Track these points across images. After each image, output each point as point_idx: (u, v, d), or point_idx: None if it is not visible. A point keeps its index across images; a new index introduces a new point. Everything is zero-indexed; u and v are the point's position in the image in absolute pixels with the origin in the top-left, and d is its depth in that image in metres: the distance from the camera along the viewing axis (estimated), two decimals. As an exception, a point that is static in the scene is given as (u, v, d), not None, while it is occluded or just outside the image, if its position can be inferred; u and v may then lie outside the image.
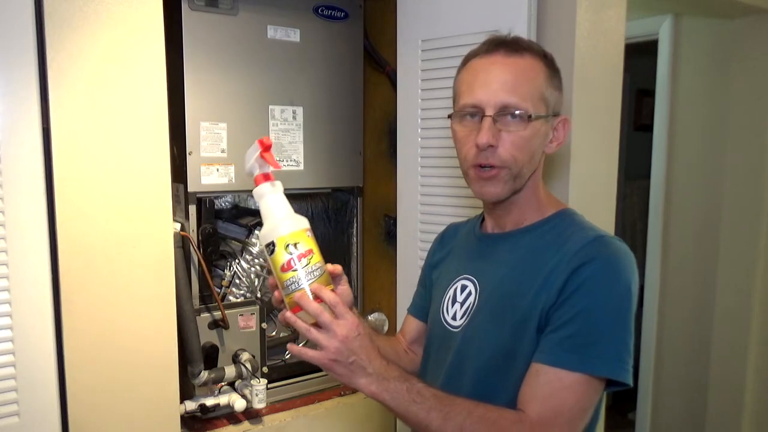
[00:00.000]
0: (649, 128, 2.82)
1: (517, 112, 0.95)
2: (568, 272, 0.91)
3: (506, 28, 1.43)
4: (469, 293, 1.05)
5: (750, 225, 2.40)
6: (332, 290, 0.92)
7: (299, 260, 0.91)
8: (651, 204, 2.76)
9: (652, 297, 2.76)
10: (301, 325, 0.89)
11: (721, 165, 2.48)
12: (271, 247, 0.91)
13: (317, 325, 0.88)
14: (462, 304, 1.05)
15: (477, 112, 0.97)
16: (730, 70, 2.43)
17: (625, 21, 1.54)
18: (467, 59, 1.03)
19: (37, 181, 1.17)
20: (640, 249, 3.87)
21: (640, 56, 2.73)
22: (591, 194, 1.52)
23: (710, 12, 2.42)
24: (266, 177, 0.95)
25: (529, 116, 0.95)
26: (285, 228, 0.92)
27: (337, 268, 0.98)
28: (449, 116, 1.04)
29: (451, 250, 1.17)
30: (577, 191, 1.46)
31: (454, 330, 1.05)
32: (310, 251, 0.92)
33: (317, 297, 0.89)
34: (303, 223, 0.94)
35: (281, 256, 0.91)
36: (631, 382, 0.90)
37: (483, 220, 1.12)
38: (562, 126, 1.03)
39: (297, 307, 0.90)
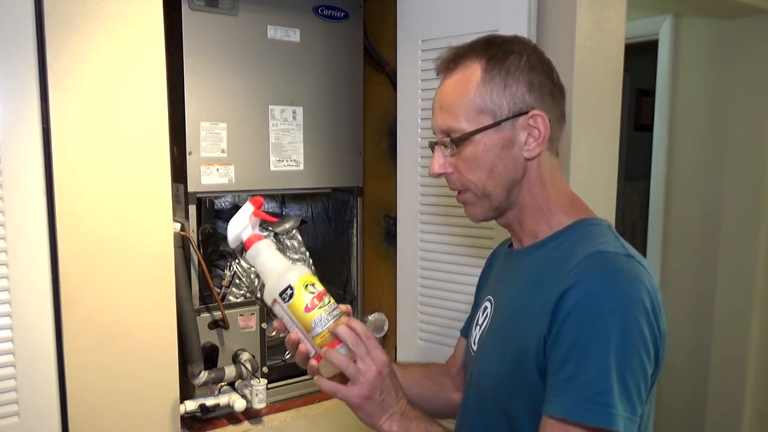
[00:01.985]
0: (649, 128, 2.82)
1: (453, 133, 0.89)
2: (559, 293, 0.79)
3: (506, 28, 1.44)
4: (487, 314, 0.97)
5: (750, 225, 2.40)
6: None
7: (320, 299, 0.93)
8: (651, 204, 2.76)
9: (652, 297, 2.76)
10: (341, 359, 0.88)
11: (721, 165, 2.48)
12: (289, 291, 0.93)
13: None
14: (481, 326, 0.98)
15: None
16: (730, 70, 2.43)
17: (625, 21, 1.54)
18: None
19: (37, 181, 1.17)
20: (640, 249, 3.87)
21: (640, 56, 2.72)
22: (591, 194, 1.51)
23: (710, 12, 2.42)
24: (258, 237, 0.97)
25: (468, 134, 0.88)
26: (299, 271, 0.95)
27: (348, 308, 0.98)
28: None
29: (491, 270, 1.09)
30: (577, 191, 1.45)
31: (473, 353, 0.99)
32: (325, 291, 0.95)
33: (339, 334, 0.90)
34: (307, 269, 0.97)
35: (303, 297, 0.92)
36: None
37: None
38: (538, 122, 0.89)
39: (332, 343, 0.90)
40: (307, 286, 0.93)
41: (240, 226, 0.97)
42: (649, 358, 0.77)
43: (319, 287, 0.94)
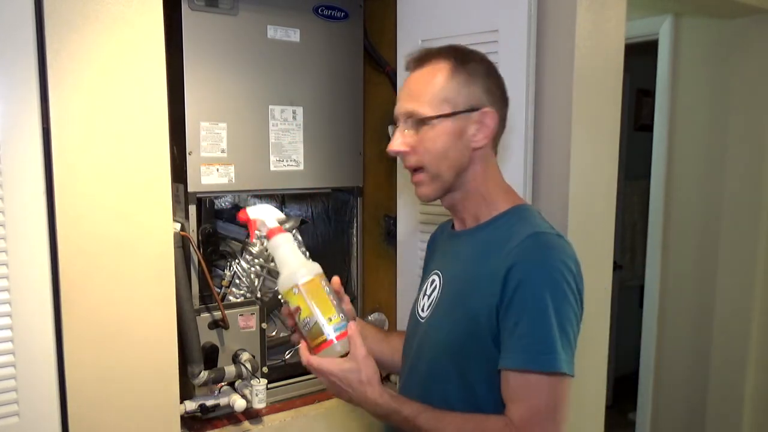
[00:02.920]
0: (649, 128, 2.82)
1: (417, 117, 1.03)
2: (505, 269, 0.96)
3: (506, 28, 1.44)
4: (435, 287, 1.13)
5: (750, 224, 2.40)
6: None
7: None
8: (651, 204, 2.76)
9: (652, 297, 2.76)
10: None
11: (721, 165, 2.48)
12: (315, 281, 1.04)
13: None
14: (429, 297, 1.13)
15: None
16: (730, 70, 2.43)
17: (625, 21, 1.54)
18: None
19: (37, 181, 1.17)
20: (640, 249, 3.87)
21: (640, 56, 2.73)
22: (591, 194, 1.52)
23: (710, 12, 2.42)
24: (281, 229, 1.08)
25: (429, 118, 1.02)
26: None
27: (336, 280, 1.10)
28: None
29: (435, 249, 1.25)
30: (577, 191, 1.46)
31: (422, 321, 1.13)
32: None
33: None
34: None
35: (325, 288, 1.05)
36: (573, 373, 0.95)
37: None
38: (488, 118, 1.04)
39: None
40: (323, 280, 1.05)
41: (271, 214, 1.09)
42: (576, 313, 0.97)
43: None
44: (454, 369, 1.03)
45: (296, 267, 1.03)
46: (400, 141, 1.06)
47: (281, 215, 1.11)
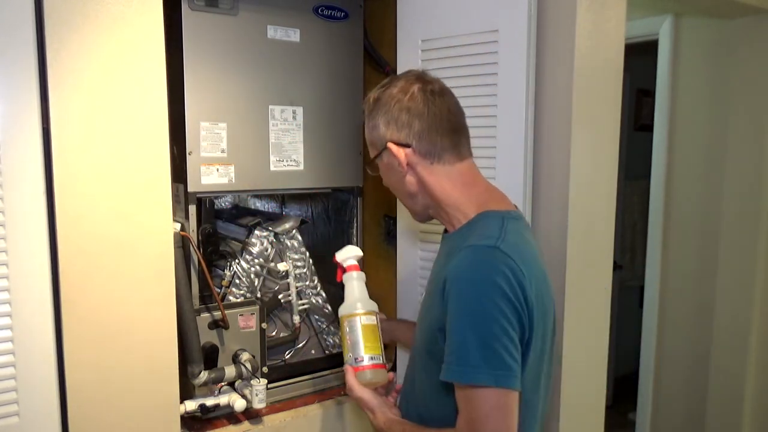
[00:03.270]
0: (649, 128, 2.83)
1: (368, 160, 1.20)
2: (442, 284, 1.02)
3: (506, 28, 1.44)
4: (423, 291, 1.23)
5: (750, 225, 2.40)
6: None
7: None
8: (651, 204, 2.76)
9: (652, 297, 2.76)
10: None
11: (721, 165, 2.48)
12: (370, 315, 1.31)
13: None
14: (422, 296, 1.23)
15: None
16: (730, 70, 2.43)
17: (625, 21, 1.54)
18: None
19: (37, 181, 1.17)
20: (640, 249, 3.87)
21: (640, 56, 2.73)
22: (591, 194, 1.52)
23: (710, 12, 2.43)
24: (357, 267, 1.36)
25: (370, 162, 1.19)
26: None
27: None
28: None
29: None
30: (577, 191, 1.46)
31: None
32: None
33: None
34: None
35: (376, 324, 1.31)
36: (517, 386, 0.96)
37: None
38: (390, 151, 1.13)
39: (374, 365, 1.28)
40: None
41: (351, 254, 1.35)
42: (512, 324, 0.96)
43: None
44: (425, 370, 1.12)
45: (358, 299, 1.29)
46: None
47: (361, 253, 1.37)
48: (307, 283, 1.80)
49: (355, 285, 1.32)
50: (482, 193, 1.14)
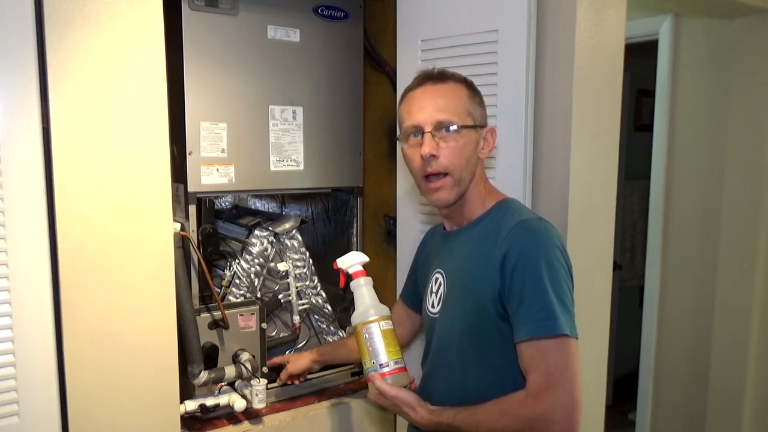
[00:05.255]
0: (649, 128, 2.83)
1: (450, 126, 1.18)
2: (501, 256, 1.11)
3: (506, 28, 1.44)
4: (440, 284, 1.27)
5: (750, 224, 2.40)
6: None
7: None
8: (651, 204, 2.76)
9: (652, 297, 2.76)
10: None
11: (721, 165, 2.48)
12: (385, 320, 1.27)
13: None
14: (437, 294, 1.28)
15: (418, 131, 1.20)
16: (730, 70, 2.43)
17: (625, 21, 1.54)
18: (405, 93, 1.25)
19: (37, 181, 1.17)
20: (640, 249, 3.87)
21: (640, 56, 2.73)
22: (591, 194, 1.52)
23: (710, 12, 2.43)
24: (364, 273, 1.32)
25: (460, 127, 1.18)
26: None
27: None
28: (397, 139, 1.28)
29: (430, 251, 1.39)
30: (577, 191, 1.46)
31: (434, 316, 1.28)
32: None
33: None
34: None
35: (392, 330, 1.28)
36: (576, 335, 1.08)
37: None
38: (491, 135, 1.24)
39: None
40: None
41: (356, 260, 1.32)
42: (568, 281, 1.11)
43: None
44: (472, 349, 1.18)
45: (371, 306, 1.27)
46: (433, 145, 1.17)
47: (366, 259, 1.33)
48: (307, 283, 1.80)
49: (365, 291, 1.30)
50: (492, 188, 1.29)
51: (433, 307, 1.29)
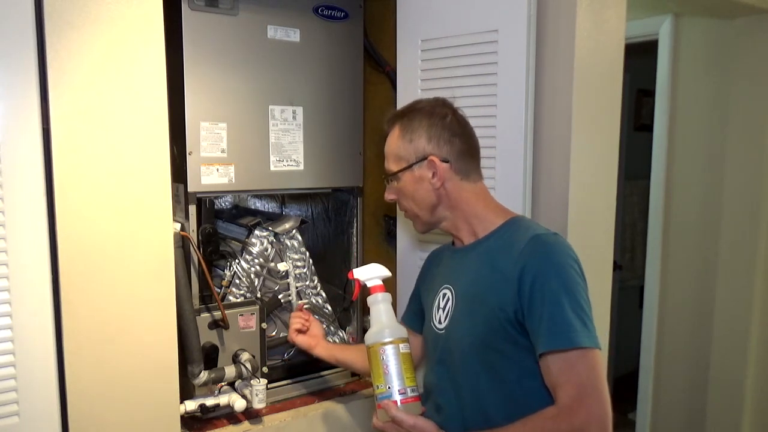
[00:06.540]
0: (649, 128, 2.82)
1: (389, 176, 1.29)
2: (518, 271, 1.11)
3: (506, 28, 1.44)
4: (448, 299, 1.27)
5: (750, 225, 2.40)
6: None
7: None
8: (651, 204, 2.76)
9: (652, 297, 2.76)
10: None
11: (721, 165, 2.48)
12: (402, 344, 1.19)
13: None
14: (444, 309, 1.27)
15: None
16: (730, 70, 2.43)
17: (625, 21, 1.54)
18: None
19: (37, 181, 1.17)
20: (640, 249, 3.87)
21: (640, 56, 2.73)
22: (591, 194, 1.52)
23: (710, 12, 2.43)
24: (383, 288, 1.27)
25: (395, 173, 1.27)
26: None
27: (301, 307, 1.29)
28: None
29: (437, 268, 1.38)
30: (577, 191, 1.46)
31: (440, 332, 1.27)
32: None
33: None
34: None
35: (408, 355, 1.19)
36: (599, 346, 1.09)
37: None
38: (433, 164, 1.23)
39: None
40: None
41: (376, 273, 1.29)
42: (585, 295, 1.12)
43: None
44: (480, 364, 1.17)
45: (387, 326, 1.20)
46: (388, 192, 1.32)
47: (387, 273, 1.30)
48: (307, 283, 1.80)
49: (382, 308, 1.23)
50: (498, 206, 1.29)
51: (439, 322, 1.27)
